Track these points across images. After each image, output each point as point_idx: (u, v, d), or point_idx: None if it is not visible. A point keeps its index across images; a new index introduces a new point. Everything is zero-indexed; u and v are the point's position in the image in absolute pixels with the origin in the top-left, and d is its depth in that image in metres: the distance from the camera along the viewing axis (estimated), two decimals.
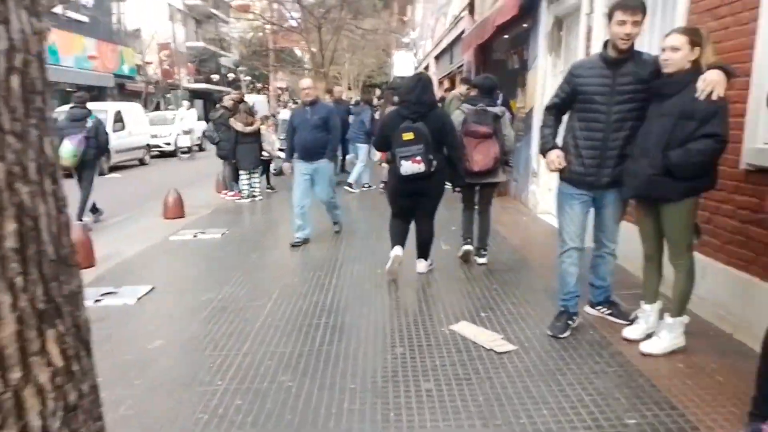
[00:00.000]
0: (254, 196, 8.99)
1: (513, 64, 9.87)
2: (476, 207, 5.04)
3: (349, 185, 9.65)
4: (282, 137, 9.61)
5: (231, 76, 38.86)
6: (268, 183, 9.95)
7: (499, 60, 11.17)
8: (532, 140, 7.16)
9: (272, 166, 10.22)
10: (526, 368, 3.03)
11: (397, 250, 4.48)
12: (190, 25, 36.06)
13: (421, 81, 4.36)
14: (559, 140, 3.44)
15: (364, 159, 9.72)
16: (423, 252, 4.68)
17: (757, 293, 3.12)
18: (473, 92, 5.13)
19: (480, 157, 4.59)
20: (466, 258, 5.02)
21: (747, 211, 3.27)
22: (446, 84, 17.81)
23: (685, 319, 3.08)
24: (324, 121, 5.68)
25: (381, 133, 4.55)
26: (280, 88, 44.97)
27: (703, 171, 2.89)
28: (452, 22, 14.50)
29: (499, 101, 7.96)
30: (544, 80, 6.81)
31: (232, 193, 9.41)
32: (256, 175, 9.10)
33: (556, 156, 3.31)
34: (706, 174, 2.91)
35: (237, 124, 8.53)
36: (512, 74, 9.76)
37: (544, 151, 3.38)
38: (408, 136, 4.11)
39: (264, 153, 9.74)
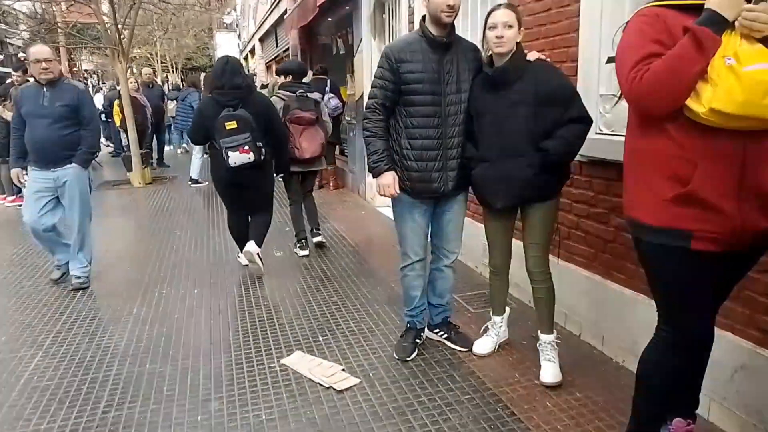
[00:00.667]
0: None
1: (339, 49, 9.40)
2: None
3: (195, 181, 8.65)
4: None
5: (22, 55, 33.21)
6: None
7: (325, 44, 10.65)
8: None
9: None
10: (372, 408, 2.53)
11: (250, 246, 4.12)
12: None
13: (229, 63, 3.99)
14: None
15: (202, 150, 8.58)
16: (258, 239, 4.25)
17: (600, 292, 2.98)
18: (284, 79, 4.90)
19: (307, 144, 4.56)
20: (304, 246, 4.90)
21: (583, 204, 3.12)
22: (273, 68, 16.91)
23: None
24: (72, 111, 3.96)
25: (199, 124, 4.06)
26: (86, 71, 39.74)
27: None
28: (273, 1, 13.61)
29: (327, 87, 7.50)
30: (370, 66, 6.41)
31: (11, 198, 7.66)
32: None
33: (392, 180, 2.69)
34: (568, 164, 2.65)
35: (7, 114, 6.86)
36: (339, 59, 9.30)
37: (377, 173, 2.70)
38: (231, 124, 3.79)
39: None
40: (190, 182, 8.69)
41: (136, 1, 8.49)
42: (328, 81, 7.52)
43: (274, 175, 4.48)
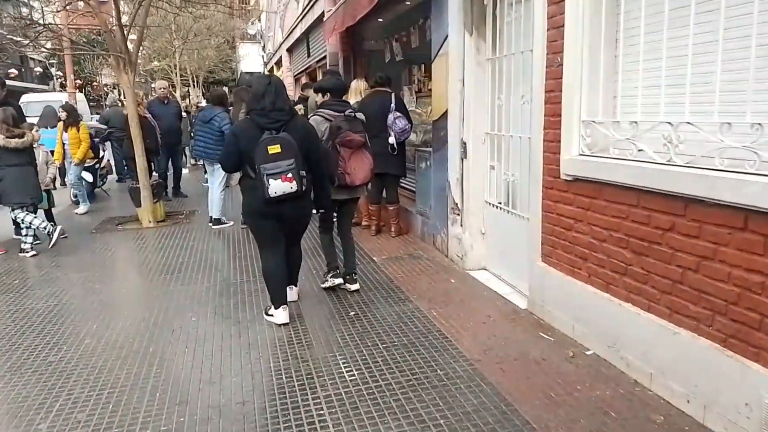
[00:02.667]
0: (25, 251, 5.84)
1: (396, 55, 7.61)
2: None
3: (217, 221, 6.94)
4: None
5: (38, 70, 32.27)
6: (50, 221, 6.62)
7: (373, 51, 8.90)
8: (447, 158, 4.91)
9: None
10: None
11: (292, 294, 3.98)
12: None
13: (272, 84, 3.61)
14: None
15: (223, 183, 6.87)
16: (294, 277, 4.08)
17: None
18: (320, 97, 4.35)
19: (358, 168, 4.16)
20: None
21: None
22: (305, 81, 15.24)
23: None
24: None
25: (234, 148, 3.62)
26: (106, 85, 38.81)
27: None
28: (307, 4, 11.94)
29: (392, 104, 5.70)
30: (461, 72, 4.58)
31: None
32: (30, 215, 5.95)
33: None
34: None
35: None
36: (394, 68, 7.52)
37: None
38: (274, 149, 3.42)
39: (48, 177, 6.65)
40: (210, 223, 6.93)
41: None
42: (393, 95, 5.73)
43: (314, 211, 3.96)
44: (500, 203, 4.40)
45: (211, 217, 6.93)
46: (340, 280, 4.32)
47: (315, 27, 12.16)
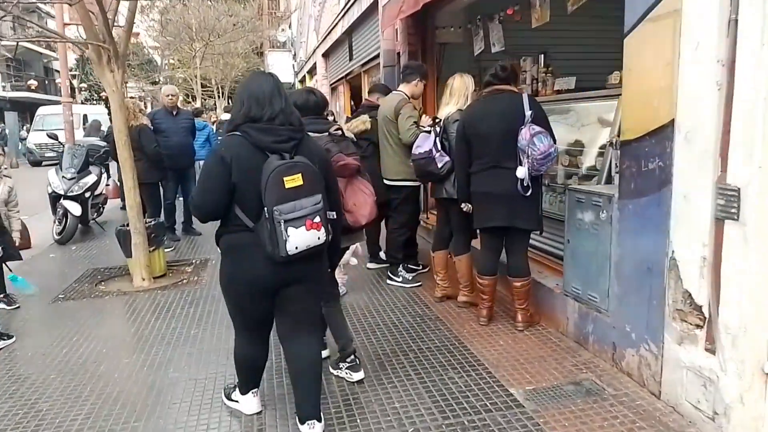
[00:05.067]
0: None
1: (492, 43, 5.34)
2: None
3: None
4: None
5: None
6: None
7: (451, 43, 6.64)
8: (670, 214, 2.57)
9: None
10: None
11: (254, 404, 2.76)
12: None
13: (275, 83, 2.44)
14: None
15: None
16: (315, 407, 2.56)
17: None
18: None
19: (359, 203, 3.00)
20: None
21: None
22: (343, 91, 13.10)
23: None
24: None
25: (219, 182, 2.32)
26: (132, 98, 37.52)
27: None
28: None
29: (527, 112, 3.36)
30: (730, 48, 2.27)
31: None
32: None
33: None
34: None
35: None
36: (490, 64, 5.24)
37: None
38: (293, 180, 2.25)
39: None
40: None
41: None
42: (525, 97, 3.44)
43: None
44: None
45: None
46: (362, 375, 3.04)
47: (361, 23, 10.00)
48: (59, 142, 8.58)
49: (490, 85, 3.54)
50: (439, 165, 3.91)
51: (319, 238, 2.33)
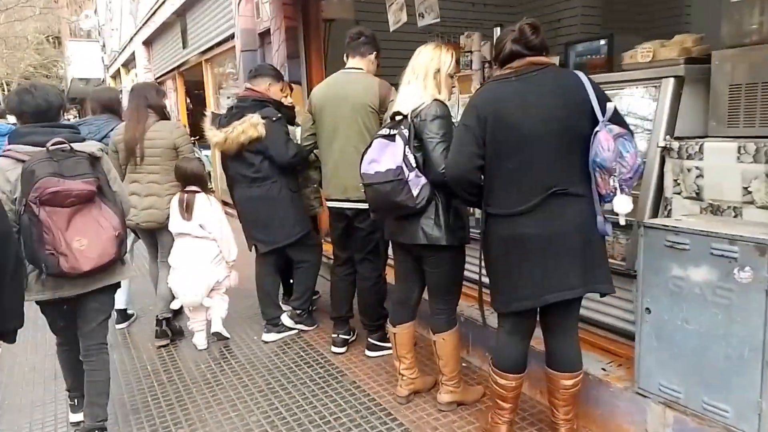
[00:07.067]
0: None
1: (425, 12, 3.87)
2: None
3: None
4: None
5: None
6: None
7: (331, 20, 5.07)
8: None
9: None
10: None
11: None
12: None
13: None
14: None
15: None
16: None
17: None
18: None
19: (92, 241, 2.31)
20: None
21: None
22: (175, 86, 10.66)
23: None
24: None
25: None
26: None
27: None
28: None
29: (593, 100, 1.94)
30: None
31: None
32: None
33: None
34: None
35: None
36: (408, 43, 3.76)
37: None
38: None
39: None
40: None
41: None
42: (585, 78, 2.02)
43: None
44: None
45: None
46: None
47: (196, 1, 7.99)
48: None
49: (517, 56, 2.05)
50: (415, 192, 2.33)
51: None
